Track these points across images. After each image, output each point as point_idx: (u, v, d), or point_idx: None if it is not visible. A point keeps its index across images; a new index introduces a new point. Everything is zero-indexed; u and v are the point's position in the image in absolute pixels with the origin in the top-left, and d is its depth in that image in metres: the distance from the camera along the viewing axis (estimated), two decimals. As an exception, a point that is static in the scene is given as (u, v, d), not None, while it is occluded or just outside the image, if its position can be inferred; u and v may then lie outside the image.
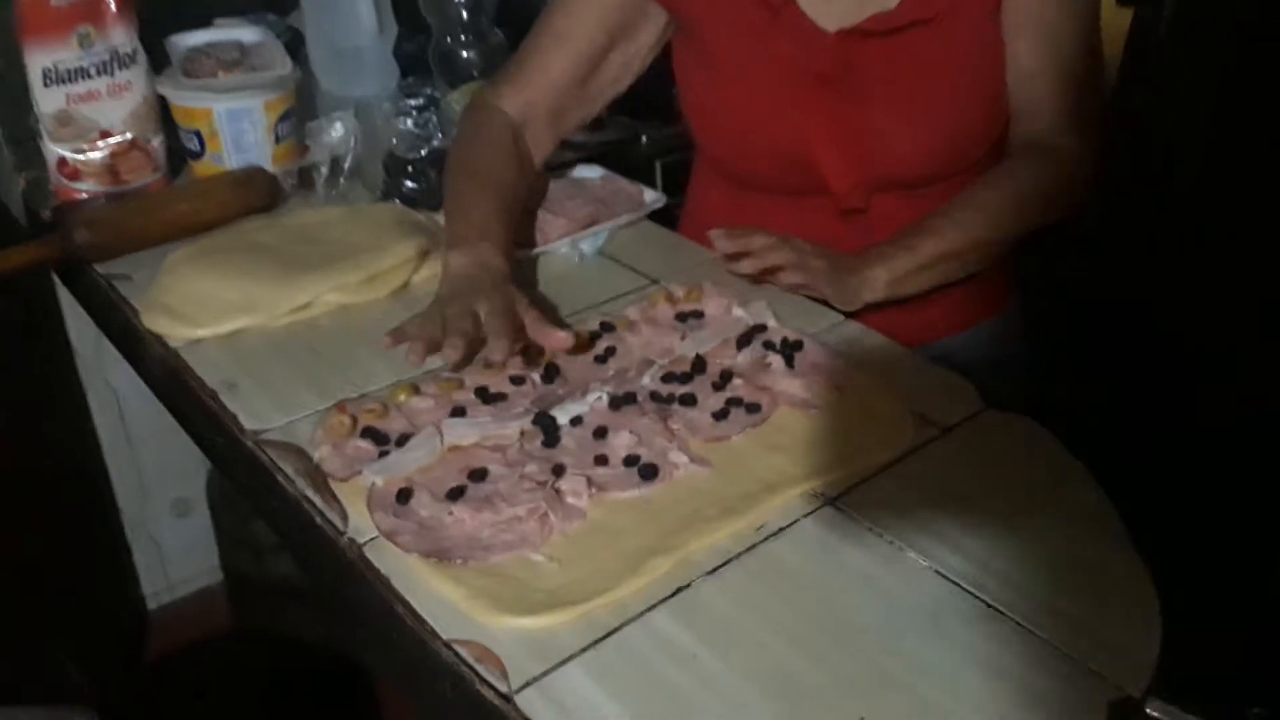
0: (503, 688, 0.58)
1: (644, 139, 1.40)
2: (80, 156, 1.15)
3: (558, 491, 0.71)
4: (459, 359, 0.78)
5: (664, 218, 1.18)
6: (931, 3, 0.95)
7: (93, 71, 1.13)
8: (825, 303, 0.95)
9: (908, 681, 0.58)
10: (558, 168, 1.21)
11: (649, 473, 0.73)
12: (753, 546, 0.69)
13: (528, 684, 0.58)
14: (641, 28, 1.06)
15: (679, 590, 0.65)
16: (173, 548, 1.94)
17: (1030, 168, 0.98)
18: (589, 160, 1.25)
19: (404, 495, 0.71)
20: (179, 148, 1.20)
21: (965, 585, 0.65)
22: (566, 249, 1.06)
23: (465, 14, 1.22)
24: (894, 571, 0.66)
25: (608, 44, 1.05)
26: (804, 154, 0.99)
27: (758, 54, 1.00)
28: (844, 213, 1.00)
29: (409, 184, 1.12)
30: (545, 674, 0.59)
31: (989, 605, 0.63)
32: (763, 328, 0.91)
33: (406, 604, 0.63)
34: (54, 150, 1.15)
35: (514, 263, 0.92)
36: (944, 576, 0.66)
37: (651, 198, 1.16)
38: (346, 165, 1.18)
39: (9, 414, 1.60)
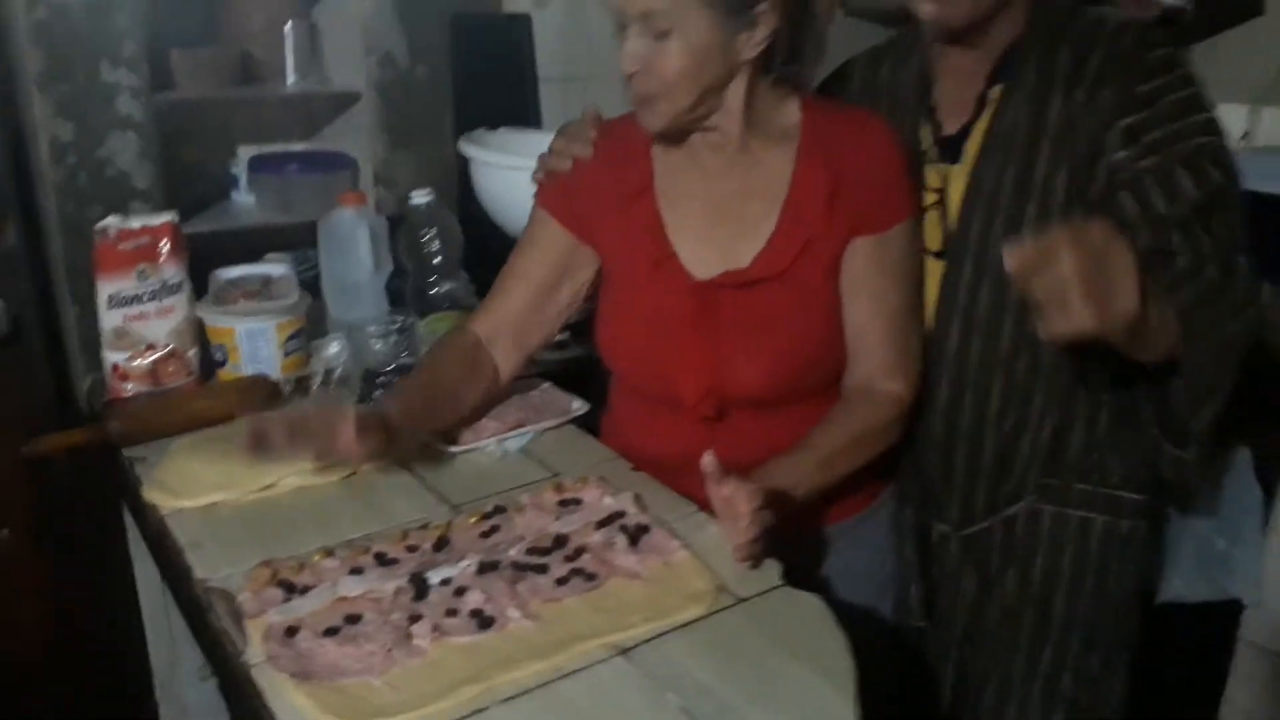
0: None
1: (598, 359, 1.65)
2: (130, 363, 1.44)
3: (409, 635, 0.91)
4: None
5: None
6: (776, 265, 1.18)
7: (146, 298, 1.43)
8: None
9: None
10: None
11: (485, 623, 0.92)
12: (547, 683, 0.86)
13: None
14: (582, 266, 1.30)
15: (477, 712, 0.83)
16: (196, 708, 2.11)
17: (857, 414, 1.19)
18: (544, 375, 1.49)
19: (291, 631, 0.91)
20: (210, 358, 1.49)
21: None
22: (493, 447, 1.29)
23: (435, 260, 1.51)
24: (656, 712, 0.83)
25: (557, 279, 1.30)
26: (665, 373, 1.21)
27: (642, 292, 1.23)
28: (703, 421, 1.21)
29: (378, 392, 1.38)
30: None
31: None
32: (621, 513, 1.10)
33: (266, 706, 0.83)
34: (110, 357, 1.44)
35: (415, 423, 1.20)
36: (687, 713, 0.82)
37: (576, 406, 1.39)
38: (336, 375, 1.44)
39: (64, 576, 1.84)
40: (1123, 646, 1.36)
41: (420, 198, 1.54)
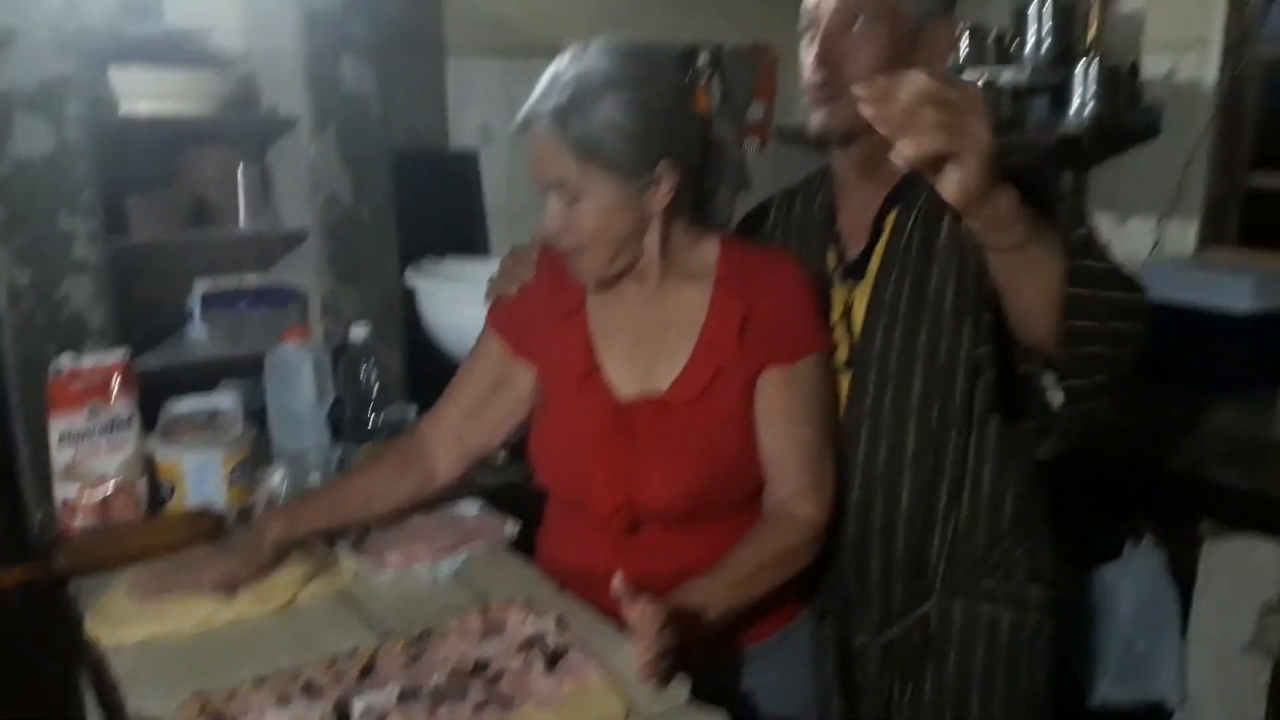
0: None
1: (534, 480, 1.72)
2: (80, 498, 1.48)
3: (329, 761, 0.95)
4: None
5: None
6: (689, 391, 1.26)
7: (95, 433, 1.48)
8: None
9: None
10: (446, 502, 1.50)
11: (402, 749, 0.97)
12: (458, 805, 0.91)
13: None
14: (515, 380, 1.38)
15: (389, 837, 0.87)
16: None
17: (773, 536, 1.25)
18: (478, 495, 1.54)
19: (217, 761, 0.95)
20: (159, 489, 1.54)
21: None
22: (425, 571, 1.34)
23: (373, 390, 1.58)
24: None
25: (491, 390, 1.38)
26: (582, 483, 1.27)
27: (569, 405, 1.31)
28: (618, 533, 1.27)
29: (317, 519, 1.43)
30: None
31: None
32: (542, 636, 1.15)
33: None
34: (61, 492, 1.48)
35: (308, 528, 1.29)
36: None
37: (509, 529, 1.44)
38: (279, 504, 1.49)
39: (20, 708, 1.85)
40: None
41: (357, 332, 1.62)
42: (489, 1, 2.38)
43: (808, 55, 1.31)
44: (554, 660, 1.11)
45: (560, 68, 1.21)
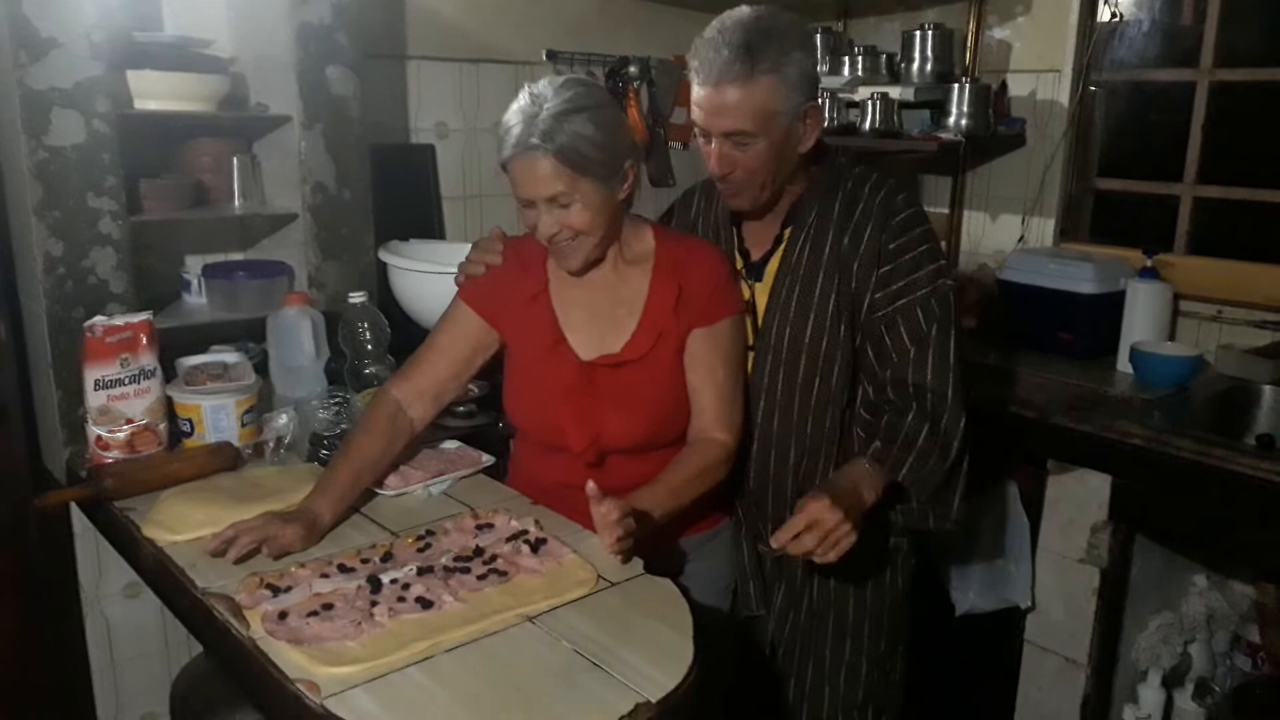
0: (318, 700, 1.07)
1: (501, 425, 1.99)
2: (111, 435, 1.71)
3: (371, 614, 1.22)
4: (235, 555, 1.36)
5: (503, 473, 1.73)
6: (638, 351, 1.54)
7: (125, 381, 1.70)
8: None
9: (546, 704, 1.07)
10: (432, 441, 1.76)
11: (426, 604, 1.23)
12: (476, 640, 1.18)
13: (331, 695, 1.07)
14: (490, 345, 1.63)
15: (426, 659, 1.14)
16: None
17: (695, 456, 1.54)
18: (454, 438, 1.81)
19: (282, 615, 1.20)
20: (177, 429, 1.76)
21: (584, 655, 1.15)
22: (420, 491, 1.60)
23: (369, 346, 1.83)
24: (550, 648, 1.16)
25: (472, 353, 1.63)
26: (558, 428, 1.55)
27: (539, 366, 1.57)
28: (588, 464, 1.55)
29: (324, 452, 1.68)
30: (342, 692, 1.08)
31: (592, 663, 1.13)
32: (525, 532, 1.43)
33: (273, 663, 1.13)
34: (94, 430, 1.69)
35: (346, 504, 1.50)
36: (578, 652, 1.15)
37: (485, 459, 1.71)
38: (286, 441, 1.73)
39: (20, 637, 2.03)
40: (899, 637, 1.75)
41: (356, 298, 1.87)
42: (445, 14, 2.64)
43: (706, 152, 1.58)
44: (536, 547, 1.39)
45: (527, 106, 1.43)
